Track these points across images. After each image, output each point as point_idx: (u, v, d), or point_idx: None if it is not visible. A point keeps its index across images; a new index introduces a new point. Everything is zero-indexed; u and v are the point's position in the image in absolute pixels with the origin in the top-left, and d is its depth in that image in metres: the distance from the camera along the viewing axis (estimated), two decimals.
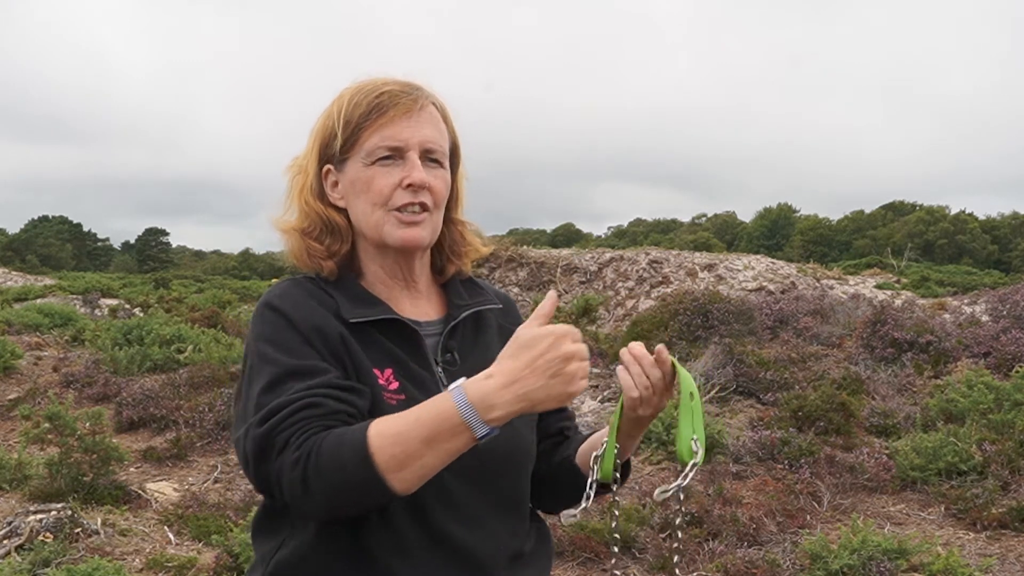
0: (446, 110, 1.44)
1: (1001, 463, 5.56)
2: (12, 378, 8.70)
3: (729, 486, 5.41)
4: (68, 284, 23.78)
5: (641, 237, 62.69)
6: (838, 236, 71.36)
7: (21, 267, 41.55)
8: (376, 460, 1.16)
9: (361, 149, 1.37)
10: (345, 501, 1.20)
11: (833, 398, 6.73)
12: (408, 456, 1.17)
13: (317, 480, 1.18)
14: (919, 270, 31.62)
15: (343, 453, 1.18)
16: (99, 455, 5.43)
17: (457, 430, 1.16)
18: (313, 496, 1.19)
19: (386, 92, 1.37)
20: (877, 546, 4.18)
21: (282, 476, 1.21)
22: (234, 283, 35.56)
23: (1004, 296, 11.51)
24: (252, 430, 1.24)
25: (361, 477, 1.17)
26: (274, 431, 1.22)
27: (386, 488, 1.17)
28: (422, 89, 1.41)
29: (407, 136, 1.36)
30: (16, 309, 14.35)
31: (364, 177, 1.37)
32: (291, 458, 1.19)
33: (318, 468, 1.18)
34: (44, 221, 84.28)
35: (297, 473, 1.19)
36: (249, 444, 1.25)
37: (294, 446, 1.20)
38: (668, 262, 17.45)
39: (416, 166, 1.36)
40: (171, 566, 4.45)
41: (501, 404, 1.16)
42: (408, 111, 1.36)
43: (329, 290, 1.39)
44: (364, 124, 1.36)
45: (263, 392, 1.26)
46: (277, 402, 1.24)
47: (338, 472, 1.17)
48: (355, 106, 1.37)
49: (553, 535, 4.86)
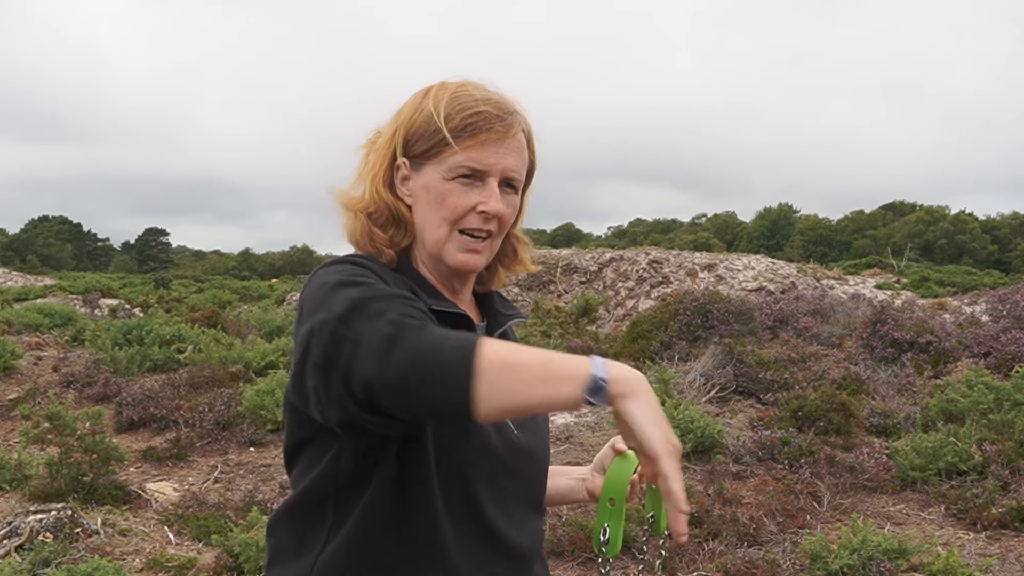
0: (531, 135, 1.42)
1: (1001, 463, 5.57)
2: (12, 378, 8.71)
3: (729, 486, 5.41)
4: (68, 284, 23.78)
5: (641, 237, 62.71)
6: (838, 236, 71.32)
7: (21, 267, 41.57)
8: (482, 351, 1.06)
9: (444, 161, 1.35)
10: (419, 387, 1.06)
11: (833, 398, 6.74)
12: (514, 367, 1.07)
13: (404, 345, 1.07)
14: (919, 270, 31.64)
15: (449, 336, 1.09)
16: (99, 455, 5.43)
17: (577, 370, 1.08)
18: (390, 365, 1.06)
19: (482, 112, 1.35)
20: (877, 546, 4.18)
21: (365, 337, 1.08)
22: (234, 283, 35.59)
23: (1004, 296, 11.52)
24: (348, 292, 1.16)
25: (457, 360, 1.05)
26: (374, 300, 1.14)
27: (468, 391, 1.05)
28: (516, 114, 1.38)
29: (492, 163, 1.34)
30: (16, 309, 14.36)
31: (440, 189, 1.35)
32: (386, 319, 1.10)
33: (416, 334, 1.08)
34: (44, 221, 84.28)
35: (392, 330, 1.08)
36: (341, 303, 1.13)
37: (392, 314, 1.11)
38: (668, 262, 17.45)
39: (495, 195, 1.35)
40: (171, 566, 4.45)
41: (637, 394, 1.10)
42: (500, 138, 1.34)
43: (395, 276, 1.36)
44: (454, 139, 1.34)
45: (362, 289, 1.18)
46: (383, 291, 1.17)
47: (434, 348, 1.07)
48: (447, 118, 1.34)
49: (553, 535, 4.85)
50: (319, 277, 1.26)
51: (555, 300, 15.47)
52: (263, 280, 43.29)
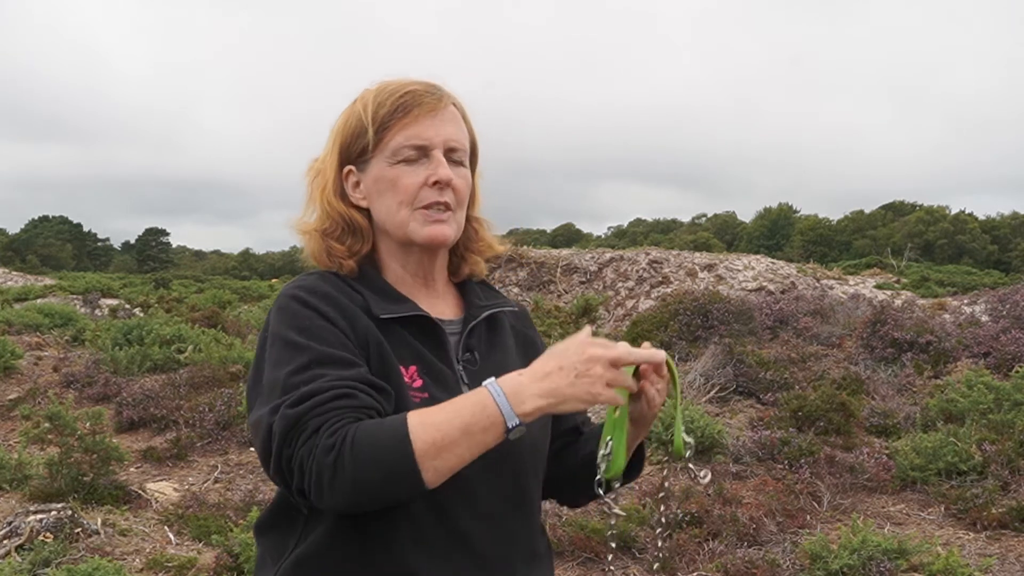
0: (465, 110, 1.46)
1: (1001, 463, 5.57)
2: (12, 378, 8.70)
3: (729, 486, 5.41)
4: (68, 284, 23.78)
5: (641, 237, 62.68)
6: (838, 236, 71.31)
7: (21, 267, 41.57)
8: (415, 446, 1.17)
9: (386, 148, 1.38)
10: (373, 490, 1.19)
11: (833, 398, 6.74)
12: (446, 444, 1.18)
13: (351, 466, 1.17)
14: (919, 270, 31.63)
15: (381, 439, 1.18)
16: (99, 455, 5.43)
17: (491, 420, 1.19)
18: (343, 483, 1.17)
19: (410, 92, 1.39)
20: (877, 546, 4.18)
21: (309, 461, 1.19)
22: (234, 283, 35.58)
23: (1004, 296, 11.52)
24: (284, 410, 1.22)
25: (397, 463, 1.17)
26: (308, 414, 1.21)
27: (418, 477, 1.18)
28: (443, 89, 1.43)
29: (431, 135, 1.38)
30: (16, 309, 14.35)
31: (389, 176, 1.39)
32: (325, 443, 1.18)
33: (354, 454, 1.17)
34: (44, 221, 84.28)
35: (330, 459, 1.17)
36: (278, 423, 1.22)
37: (327, 432, 1.19)
38: (668, 262, 17.45)
39: (442, 163, 1.38)
40: (171, 566, 4.45)
41: (531, 398, 1.20)
42: (432, 110, 1.38)
43: (354, 285, 1.39)
44: (389, 123, 1.38)
45: (293, 374, 1.25)
46: (312, 387, 1.23)
47: (373, 459, 1.17)
48: (379, 106, 1.39)
49: (553, 535, 4.85)
50: (275, 322, 1.33)
51: (555, 300, 15.47)
52: (263, 280, 43.25)
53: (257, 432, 1.26)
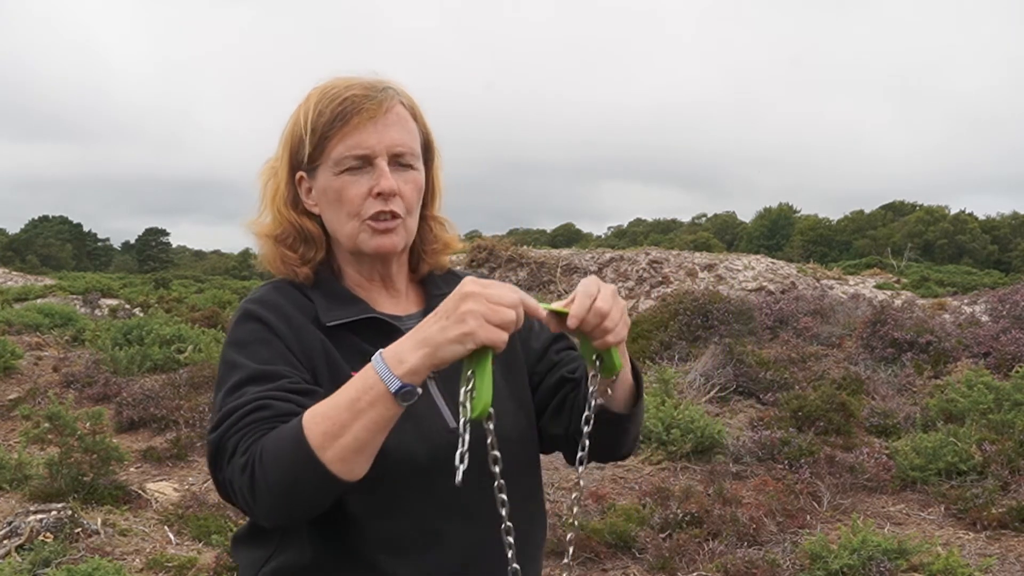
0: (415, 106, 1.40)
1: (1001, 463, 5.57)
2: (12, 378, 8.70)
3: (729, 486, 5.41)
4: (68, 284, 23.76)
5: (641, 237, 62.68)
6: (838, 236, 71.30)
7: (21, 267, 41.53)
8: (310, 440, 1.14)
9: (328, 158, 1.34)
10: (293, 497, 1.17)
11: (833, 398, 6.74)
12: (336, 428, 1.14)
13: (263, 479, 1.16)
14: (919, 270, 31.62)
15: (282, 444, 1.17)
16: (99, 455, 5.42)
17: (374, 389, 1.14)
18: (263, 497, 1.17)
19: (349, 98, 1.33)
20: (877, 546, 4.18)
21: (234, 482, 1.20)
22: (234, 283, 35.53)
23: (1004, 296, 11.52)
24: (208, 435, 1.24)
25: (299, 462, 1.15)
26: (225, 436, 1.22)
27: (324, 470, 1.14)
28: (388, 89, 1.37)
29: (373, 143, 1.33)
30: (16, 309, 14.35)
31: (334, 187, 1.35)
32: (239, 463, 1.19)
33: (263, 466, 1.16)
34: (44, 221, 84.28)
35: (246, 477, 1.18)
36: (207, 449, 1.25)
37: (241, 450, 1.19)
38: (668, 262, 17.45)
39: (384, 174, 1.33)
40: (171, 566, 4.45)
41: (406, 352, 1.14)
42: (373, 116, 1.33)
43: (308, 293, 1.38)
44: (329, 133, 1.33)
45: (226, 395, 1.26)
46: (229, 406, 1.23)
47: (279, 465, 1.16)
48: (319, 114, 1.34)
49: (553, 535, 4.85)
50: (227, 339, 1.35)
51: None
52: (263, 280, 43.18)
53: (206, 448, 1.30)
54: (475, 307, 1.12)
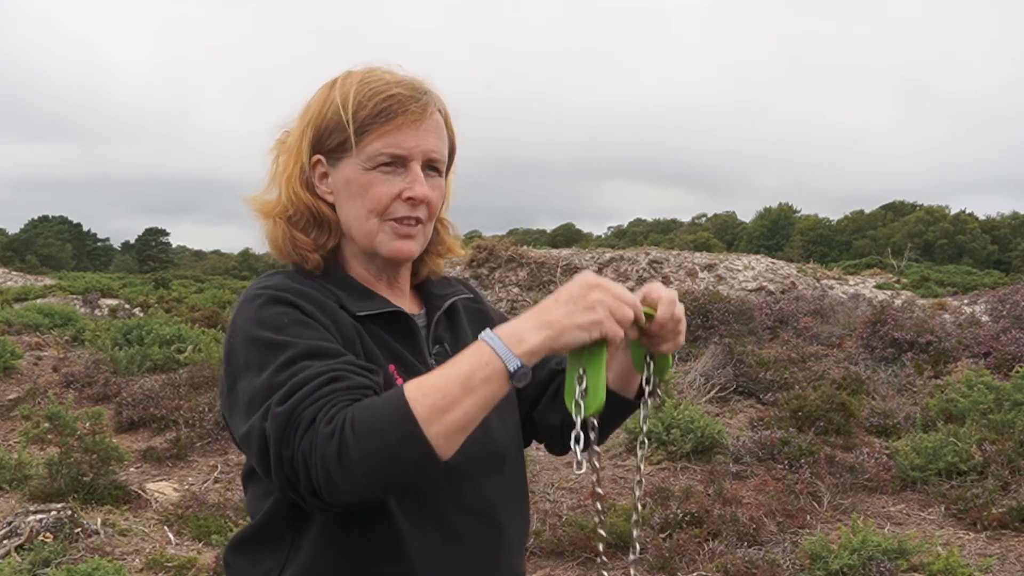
0: (448, 114, 1.39)
1: (1001, 463, 5.57)
2: (12, 378, 8.70)
3: (729, 486, 5.41)
4: (68, 284, 23.79)
5: (641, 237, 62.72)
6: (838, 236, 71.34)
7: (21, 267, 41.56)
8: (416, 412, 1.09)
9: (362, 152, 1.30)
10: (384, 469, 1.11)
11: (833, 398, 6.74)
12: (447, 403, 1.10)
13: (356, 448, 1.09)
14: (919, 270, 31.65)
15: (381, 413, 1.11)
16: (99, 455, 5.42)
17: (491, 366, 1.11)
18: (353, 468, 1.09)
19: (395, 96, 1.30)
20: (877, 546, 4.18)
21: (312, 454, 1.10)
22: (234, 283, 35.53)
23: (1004, 296, 11.53)
24: (273, 408, 1.14)
25: (401, 434, 1.09)
26: (299, 407, 1.13)
27: (427, 444, 1.09)
28: (430, 93, 1.34)
29: (412, 146, 1.30)
30: (16, 309, 14.36)
31: (362, 181, 1.31)
32: (324, 432, 1.10)
33: (356, 435, 1.09)
34: (44, 221, 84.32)
35: (333, 446, 1.09)
36: (271, 424, 1.13)
37: (324, 420, 1.11)
38: (668, 262, 17.46)
39: (419, 180, 1.31)
40: (171, 566, 4.45)
41: (527, 332, 1.12)
42: (416, 120, 1.30)
43: (323, 283, 1.33)
44: (369, 127, 1.29)
45: (277, 372, 1.17)
46: (298, 379, 1.15)
47: (377, 434, 1.09)
48: (359, 106, 1.29)
49: (553, 535, 4.84)
50: (244, 324, 1.24)
51: None
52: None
53: (250, 443, 1.17)
54: (603, 298, 1.12)
